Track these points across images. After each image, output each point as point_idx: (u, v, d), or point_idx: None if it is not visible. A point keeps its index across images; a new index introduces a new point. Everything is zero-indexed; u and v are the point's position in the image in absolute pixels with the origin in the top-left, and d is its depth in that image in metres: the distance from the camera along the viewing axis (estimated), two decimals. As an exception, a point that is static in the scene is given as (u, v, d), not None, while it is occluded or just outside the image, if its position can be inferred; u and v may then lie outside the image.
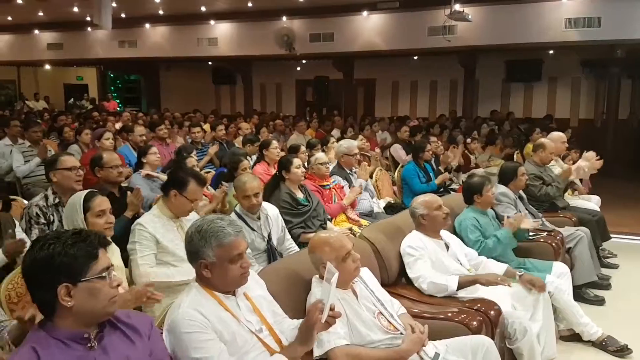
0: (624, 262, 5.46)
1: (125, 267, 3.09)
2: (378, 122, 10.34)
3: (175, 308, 2.04)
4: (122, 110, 14.87)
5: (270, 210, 3.73)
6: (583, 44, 10.58)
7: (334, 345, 2.33)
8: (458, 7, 8.84)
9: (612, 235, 5.60)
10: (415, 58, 14.21)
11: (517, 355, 3.02)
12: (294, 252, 3.67)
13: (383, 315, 2.58)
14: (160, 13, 13.89)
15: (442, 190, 5.77)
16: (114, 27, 9.57)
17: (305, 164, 5.18)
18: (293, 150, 5.71)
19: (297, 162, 4.32)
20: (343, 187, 5.01)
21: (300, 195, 4.30)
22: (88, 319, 1.65)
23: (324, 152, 6.08)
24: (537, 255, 4.02)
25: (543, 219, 4.65)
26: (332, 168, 5.19)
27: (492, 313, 2.94)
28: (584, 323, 3.69)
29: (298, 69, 16.05)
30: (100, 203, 2.85)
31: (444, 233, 3.56)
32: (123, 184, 4.25)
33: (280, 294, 2.43)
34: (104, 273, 1.65)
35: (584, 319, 3.70)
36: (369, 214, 5.13)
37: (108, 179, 3.96)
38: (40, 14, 14.11)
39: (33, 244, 1.67)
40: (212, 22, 13.94)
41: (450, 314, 2.90)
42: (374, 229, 3.61)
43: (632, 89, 12.72)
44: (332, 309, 2.07)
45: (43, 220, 3.36)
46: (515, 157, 7.50)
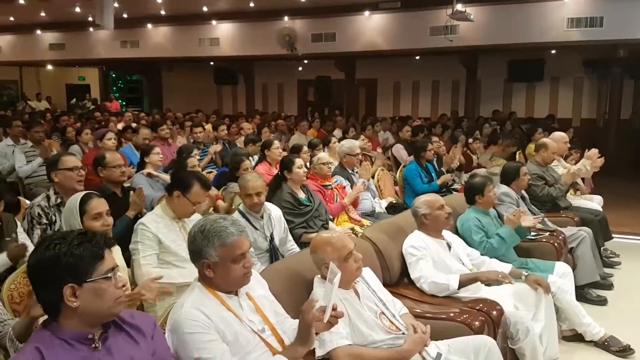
0: (626, 262, 5.46)
1: (127, 267, 3.10)
2: (380, 122, 10.34)
3: (178, 308, 2.04)
4: (124, 111, 14.88)
5: (274, 211, 3.74)
6: (585, 44, 10.57)
7: (336, 345, 2.33)
8: (460, 7, 8.85)
9: (614, 235, 5.61)
10: (417, 58, 14.21)
11: (519, 356, 3.02)
12: (295, 252, 3.68)
13: (385, 316, 2.58)
14: (162, 13, 13.90)
15: (444, 190, 5.76)
16: (116, 27, 9.58)
17: (307, 164, 5.18)
18: (295, 150, 5.71)
19: (299, 162, 4.32)
20: (345, 187, 5.01)
21: (302, 195, 4.30)
22: (93, 320, 1.65)
23: (326, 152, 6.08)
24: (539, 255, 4.02)
25: (545, 219, 4.65)
26: (333, 168, 5.19)
27: (494, 313, 2.94)
28: (587, 323, 3.68)
29: (300, 69, 16.05)
30: (97, 206, 2.80)
31: (446, 233, 3.56)
32: (125, 184, 4.26)
33: (282, 294, 2.43)
34: (110, 274, 1.65)
35: (587, 319, 3.69)
36: (371, 214, 5.13)
37: (111, 179, 3.98)
38: (43, 14, 14.13)
39: (39, 244, 1.67)
40: (214, 22, 13.95)
41: (453, 314, 2.90)
42: (376, 229, 3.60)
43: (634, 89, 12.71)
44: (334, 309, 2.07)
45: (45, 221, 3.36)
46: (518, 157, 7.49)
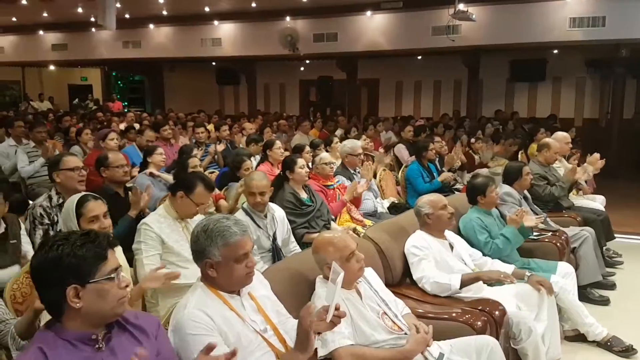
0: (629, 262, 5.45)
1: (130, 267, 3.10)
2: (382, 122, 10.34)
3: (181, 308, 2.04)
4: (127, 111, 14.90)
5: (278, 212, 3.76)
6: (587, 44, 10.54)
7: (339, 345, 2.33)
8: (462, 6, 8.85)
9: (616, 235, 5.60)
10: (419, 58, 14.19)
11: (521, 356, 3.02)
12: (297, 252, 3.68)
13: (387, 316, 2.58)
14: (164, 13, 13.91)
15: (446, 191, 5.76)
16: (118, 27, 9.60)
17: (309, 164, 5.18)
18: (297, 150, 5.72)
19: (301, 162, 4.33)
20: (347, 187, 5.01)
21: (304, 196, 4.30)
22: (96, 320, 1.65)
23: (328, 152, 6.07)
24: (541, 255, 4.02)
25: (548, 219, 4.65)
26: (335, 168, 5.19)
27: (496, 313, 2.94)
28: (589, 323, 3.68)
29: (302, 69, 16.04)
30: (93, 208, 2.75)
31: (448, 233, 3.56)
32: (128, 184, 4.26)
33: (284, 294, 2.43)
34: (113, 274, 1.64)
35: (589, 319, 3.69)
36: (373, 214, 5.13)
37: (114, 179, 3.98)
38: (45, 15, 14.13)
39: (42, 245, 1.66)
40: (215, 22, 13.95)
41: (455, 314, 2.90)
42: (378, 229, 3.60)
43: (637, 89, 12.67)
44: (337, 309, 2.07)
45: (47, 221, 3.36)
46: (520, 157, 7.49)
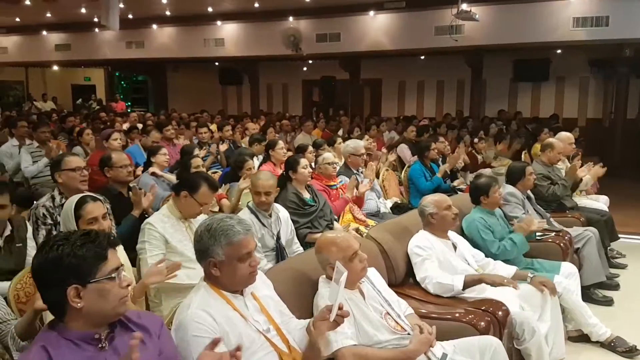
0: (633, 262, 5.43)
1: (133, 266, 3.10)
2: (385, 122, 10.33)
3: (184, 308, 2.04)
4: (130, 111, 14.92)
5: (282, 212, 3.77)
6: (591, 44, 10.50)
7: (342, 346, 2.32)
8: (465, 6, 8.82)
9: (620, 236, 5.58)
10: (422, 58, 14.16)
11: (525, 356, 3.01)
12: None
13: (390, 316, 2.57)
14: (167, 14, 13.93)
15: (449, 191, 5.75)
16: (122, 27, 9.61)
17: (312, 164, 5.18)
18: (300, 150, 5.72)
19: (304, 162, 4.33)
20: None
21: (307, 195, 4.30)
22: (98, 320, 1.65)
23: (330, 152, 6.07)
24: (545, 256, 4.00)
25: (551, 219, 4.64)
26: (338, 168, 5.19)
27: (500, 313, 2.93)
28: (593, 324, 3.67)
29: (304, 69, 16.04)
30: (92, 210, 2.72)
31: (451, 234, 3.55)
32: (132, 184, 4.27)
33: (287, 294, 2.43)
34: (114, 274, 1.64)
35: (593, 320, 3.68)
36: (376, 214, 5.12)
37: (117, 179, 4.00)
38: (48, 15, 14.16)
39: (42, 245, 1.66)
40: (218, 22, 13.96)
41: (458, 315, 2.89)
42: (381, 229, 3.60)
43: (640, 89, 12.64)
44: (340, 308, 2.07)
45: (50, 221, 3.35)
46: (523, 156, 7.47)
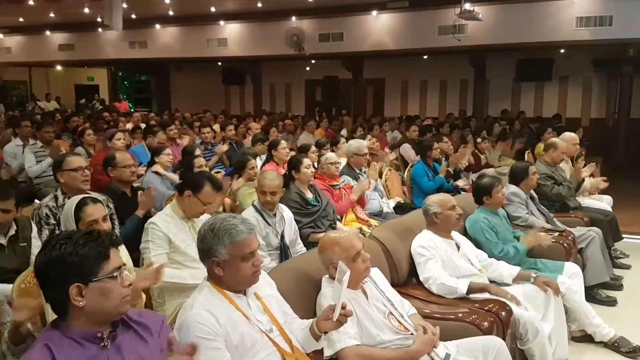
0: (636, 262, 5.41)
1: (137, 266, 3.10)
2: (388, 121, 10.32)
3: (188, 308, 2.05)
4: (132, 111, 14.95)
5: (286, 212, 3.78)
6: (594, 43, 10.47)
7: (345, 345, 2.32)
8: (468, 6, 8.81)
9: (624, 236, 5.56)
10: (425, 57, 14.15)
11: (528, 356, 3.01)
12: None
13: (393, 316, 2.57)
14: (170, 14, 13.94)
15: (452, 191, 5.74)
16: (125, 27, 9.64)
17: (315, 164, 5.18)
18: (303, 150, 5.72)
19: (306, 162, 4.33)
20: (352, 187, 5.00)
21: (310, 195, 4.30)
22: (100, 319, 1.65)
23: (334, 152, 6.07)
24: (548, 256, 3.98)
25: (555, 219, 4.63)
26: (341, 168, 5.19)
27: (503, 314, 2.93)
28: (596, 324, 3.66)
29: (307, 69, 16.03)
30: (92, 213, 2.71)
31: (454, 233, 3.54)
32: (135, 183, 4.28)
33: (291, 294, 2.43)
34: (116, 273, 1.65)
35: (596, 320, 3.67)
36: (379, 214, 5.12)
37: (121, 179, 4.01)
38: (52, 15, 14.19)
39: (45, 244, 1.68)
40: (221, 22, 13.97)
41: (461, 315, 2.89)
42: (384, 229, 3.60)
43: (644, 88, 12.60)
44: (343, 307, 2.07)
45: (53, 221, 3.36)
46: (526, 156, 7.46)
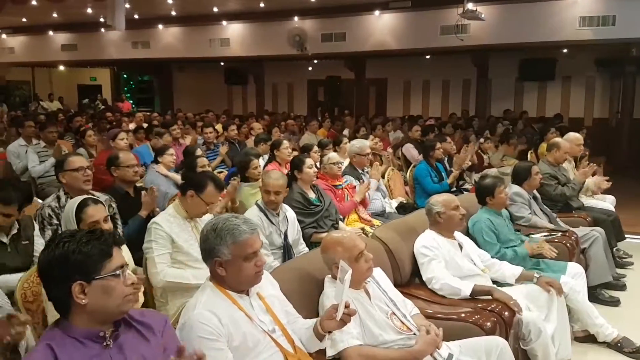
0: (639, 262, 5.40)
1: (139, 266, 3.11)
2: (391, 121, 10.31)
3: (190, 308, 2.05)
4: (135, 111, 14.97)
5: (289, 212, 3.79)
6: (597, 43, 10.45)
7: (347, 345, 2.32)
8: (471, 5, 8.81)
9: (627, 236, 5.55)
10: (428, 57, 14.14)
11: (531, 357, 3.00)
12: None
13: (396, 316, 2.57)
14: (173, 14, 13.97)
15: (455, 190, 5.73)
16: (127, 28, 9.65)
17: (317, 164, 5.18)
18: (305, 150, 5.72)
19: (309, 162, 4.33)
20: (355, 187, 5.00)
21: (312, 195, 4.30)
22: (103, 317, 1.66)
23: (336, 152, 6.07)
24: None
25: (557, 219, 4.62)
26: (344, 168, 5.18)
27: (506, 314, 2.92)
28: (599, 324, 3.65)
29: (310, 69, 16.04)
30: (93, 214, 2.72)
31: (457, 234, 3.54)
32: (138, 183, 4.29)
33: (293, 294, 2.43)
34: (118, 271, 1.65)
35: (599, 320, 3.66)
36: (381, 214, 5.12)
37: (124, 179, 4.02)
38: (55, 16, 14.23)
39: (49, 243, 1.69)
40: (224, 22, 13.99)
41: (464, 315, 2.88)
42: (387, 229, 3.60)
43: (647, 88, 12.57)
44: (346, 307, 2.07)
45: (56, 221, 3.37)
46: (529, 156, 7.44)
